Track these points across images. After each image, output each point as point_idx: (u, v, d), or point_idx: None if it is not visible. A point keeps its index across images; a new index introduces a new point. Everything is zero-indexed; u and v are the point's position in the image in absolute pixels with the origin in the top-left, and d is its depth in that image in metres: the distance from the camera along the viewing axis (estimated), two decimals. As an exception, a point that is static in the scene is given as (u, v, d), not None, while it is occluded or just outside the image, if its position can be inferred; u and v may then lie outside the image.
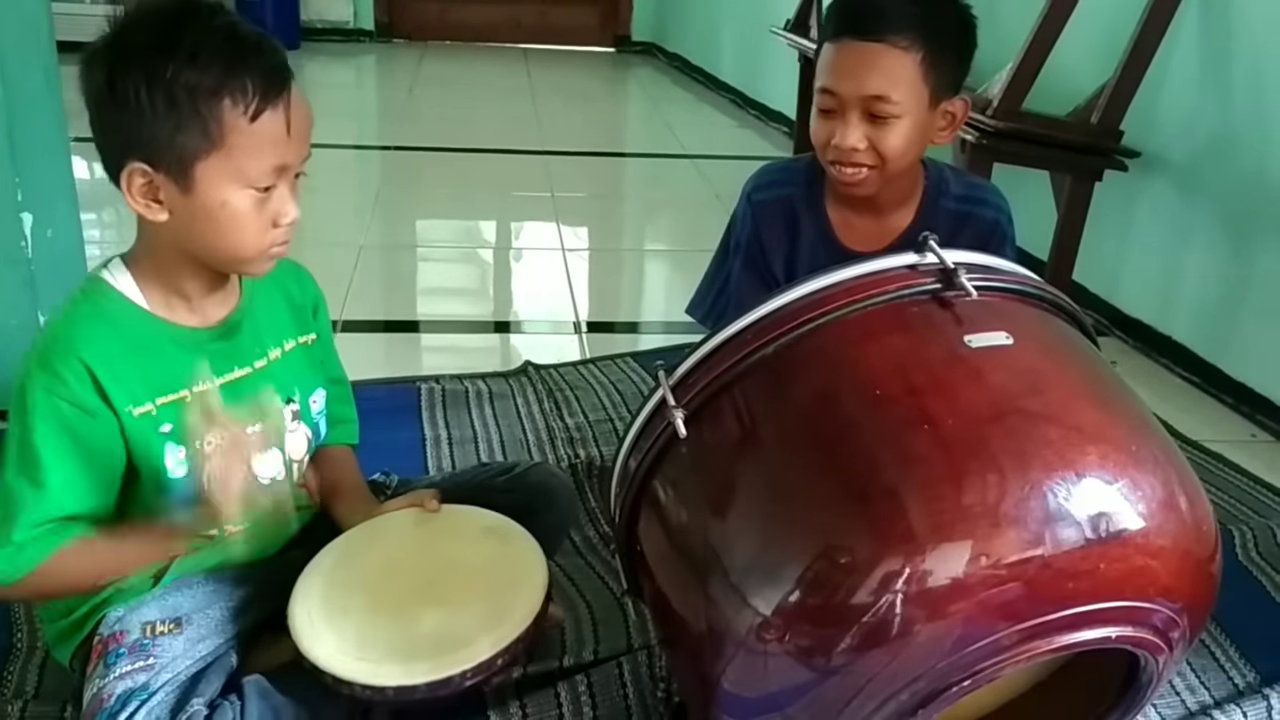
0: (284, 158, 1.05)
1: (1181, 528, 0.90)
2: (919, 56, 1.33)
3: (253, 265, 1.11)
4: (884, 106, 1.34)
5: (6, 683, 1.28)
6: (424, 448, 1.87)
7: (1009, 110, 2.37)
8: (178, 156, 1.01)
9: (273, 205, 1.07)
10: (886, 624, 0.84)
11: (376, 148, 4.34)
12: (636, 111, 5.68)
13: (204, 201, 1.04)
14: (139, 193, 1.04)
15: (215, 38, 1.01)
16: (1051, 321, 1.05)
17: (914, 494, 0.85)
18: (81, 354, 1.05)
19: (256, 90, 1.01)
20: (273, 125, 1.03)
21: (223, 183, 1.03)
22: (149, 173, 1.02)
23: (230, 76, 1.00)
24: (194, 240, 1.08)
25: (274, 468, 1.21)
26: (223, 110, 1.00)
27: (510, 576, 1.19)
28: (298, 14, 6.05)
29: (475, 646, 1.10)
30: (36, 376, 1.05)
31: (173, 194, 1.04)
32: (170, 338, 1.12)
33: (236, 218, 1.05)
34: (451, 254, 3.37)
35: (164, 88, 0.99)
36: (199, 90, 0.99)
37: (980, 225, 1.47)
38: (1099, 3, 2.48)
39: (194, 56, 0.99)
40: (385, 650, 1.10)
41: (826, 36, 1.39)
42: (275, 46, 1.06)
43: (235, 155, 1.02)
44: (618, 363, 2.27)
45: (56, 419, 1.05)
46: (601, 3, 6.81)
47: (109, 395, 1.06)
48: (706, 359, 1.02)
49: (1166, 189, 2.49)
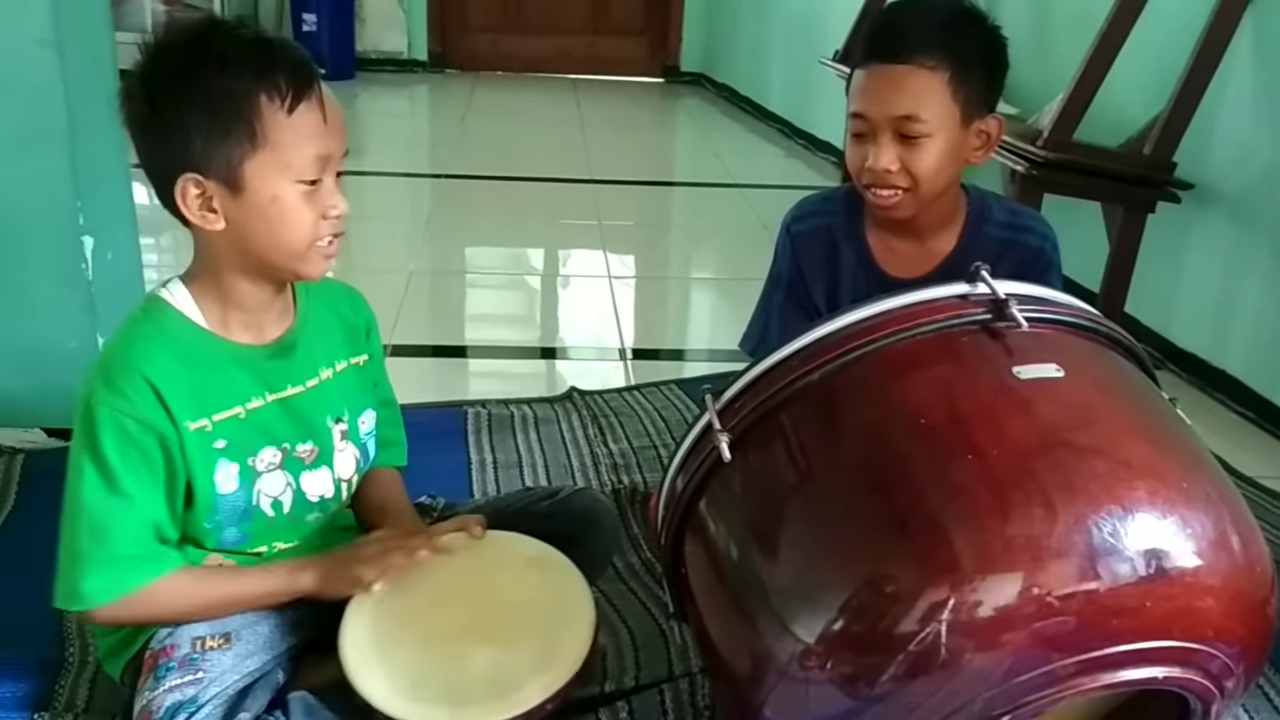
0: (325, 147, 1.09)
1: (1233, 568, 0.89)
2: (946, 75, 1.34)
3: (307, 263, 1.13)
4: (914, 126, 1.35)
5: (58, 696, 1.30)
6: (469, 471, 1.89)
7: (1060, 141, 2.35)
8: (226, 161, 1.05)
9: (321, 198, 1.10)
10: (931, 653, 0.83)
11: (428, 176, 4.39)
12: (684, 141, 5.71)
13: (256, 200, 1.07)
14: (194, 204, 1.07)
15: (241, 43, 1.05)
16: (1105, 355, 1.04)
17: (958, 524, 0.85)
18: (144, 370, 1.08)
19: (289, 85, 1.05)
20: (310, 116, 1.07)
21: (271, 178, 1.07)
22: (201, 183, 1.06)
23: (263, 75, 1.04)
24: (250, 242, 1.10)
25: (323, 486, 1.23)
26: (261, 108, 1.04)
27: (558, 615, 1.19)
28: (353, 45, 6.16)
29: (526, 691, 1.10)
30: (100, 394, 1.08)
31: (225, 199, 1.07)
32: (227, 355, 1.15)
33: (287, 211, 1.08)
34: (499, 280, 3.41)
35: (203, 98, 1.03)
36: (235, 93, 1.03)
37: (1024, 252, 1.46)
38: (1151, 34, 2.47)
39: (225, 63, 1.03)
40: (437, 691, 1.10)
41: (855, 63, 1.42)
42: (298, 46, 1.11)
43: (279, 150, 1.06)
44: (662, 390, 2.28)
45: (123, 434, 1.08)
46: (651, 34, 6.86)
47: (171, 409, 1.09)
48: (753, 384, 1.02)
49: (1220, 221, 2.46)
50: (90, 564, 1.08)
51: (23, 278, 1.83)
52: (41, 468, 1.78)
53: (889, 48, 1.36)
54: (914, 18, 1.40)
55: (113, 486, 1.08)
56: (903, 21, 1.40)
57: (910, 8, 1.44)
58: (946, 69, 1.34)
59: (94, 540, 1.08)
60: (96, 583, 1.09)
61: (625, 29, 6.84)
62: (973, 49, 1.38)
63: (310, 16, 5.84)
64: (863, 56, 1.40)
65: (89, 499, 1.08)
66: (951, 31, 1.37)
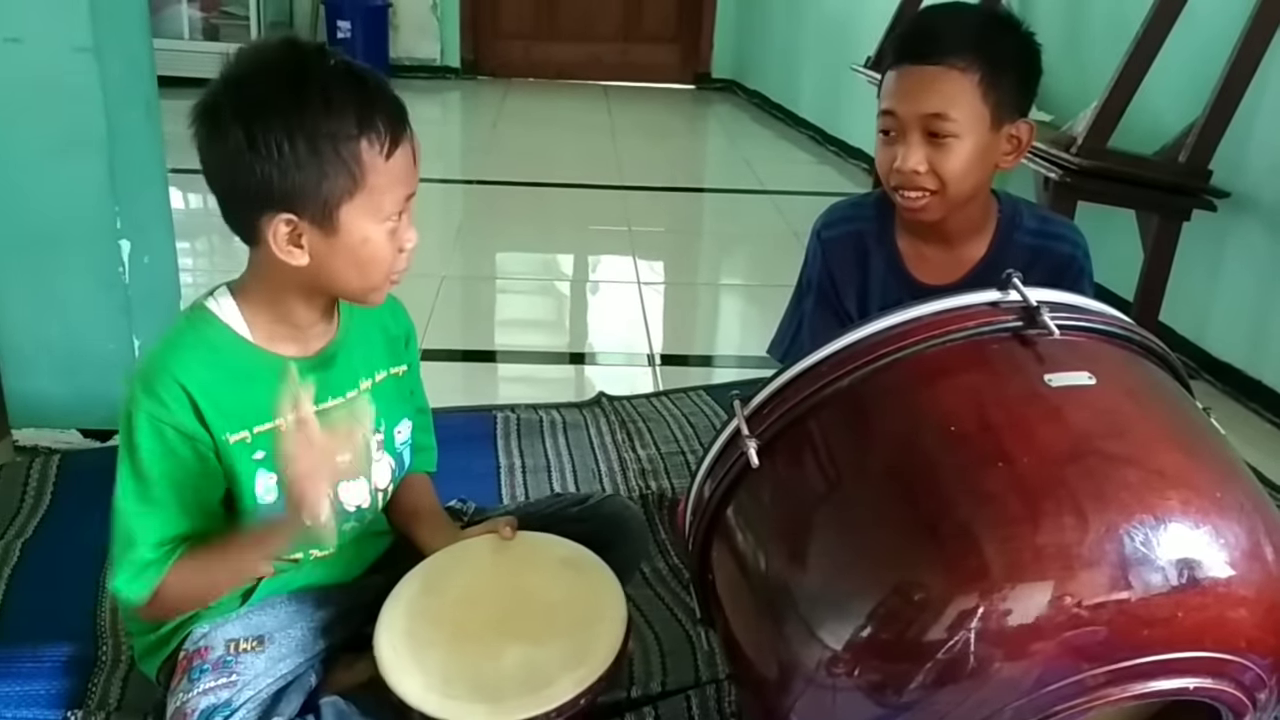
0: (412, 187, 1.10)
1: (1267, 579, 0.88)
2: (977, 77, 1.34)
3: (378, 294, 1.15)
4: (943, 125, 1.35)
5: (91, 695, 1.32)
6: (498, 475, 1.90)
7: (1094, 148, 2.33)
8: (323, 202, 1.04)
9: (399, 233, 1.11)
10: (960, 662, 0.83)
11: (460, 181, 4.41)
12: (715, 148, 5.71)
13: (348, 241, 1.07)
14: (283, 241, 1.06)
15: (341, 82, 1.04)
16: (1138, 363, 1.03)
17: (988, 532, 0.85)
18: (180, 379, 1.09)
19: (388, 130, 1.05)
20: (404, 160, 1.08)
21: (364, 221, 1.07)
22: (294, 221, 1.05)
23: (364, 119, 1.04)
24: (329, 277, 1.10)
25: (360, 496, 1.24)
26: (361, 152, 1.04)
27: (590, 612, 1.19)
28: (387, 51, 6.22)
29: (558, 686, 1.10)
30: (140, 400, 1.09)
31: (315, 238, 1.07)
32: (270, 367, 1.15)
33: (375, 251, 1.09)
34: (529, 286, 3.42)
35: (306, 138, 1.02)
36: (339, 136, 1.03)
37: (1055, 259, 1.46)
38: (1186, 40, 2.45)
39: (329, 104, 1.02)
40: (470, 688, 1.11)
41: (887, 65, 1.42)
42: (387, 82, 1.10)
43: (375, 194, 1.06)
44: (691, 396, 2.28)
45: (160, 441, 1.09)
46: (682, 41, 6.86)
47: (207, 420, 1.10)
48: (781, 390, 1.02)
49: (1256, 230, 2.43)
50: (119, 567, 1.10)
51: (60, 281, 1.86)
52: (77, 468, 1.80)
53: (921, 49, 1.36)
54: (947, 20, 1.41)
55: (144, 494, 1.09)
56: (936, 24, 1.41)
57: (944, 11, 1.45)
58: (978, 70, 1.34)
59: (123, 546, 1.10)
60: (123, 584, 1.10)
61: (657, 36, 6.85)
62: (1005, 52, 1.37)
63: (345, 24, 5.89)
64: (895, 58, 1.40)
65: (121, 505, 1.10)
66: (984, 34, 1.37)
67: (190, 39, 5.51)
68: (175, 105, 1.08)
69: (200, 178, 1.08)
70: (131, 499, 1.09)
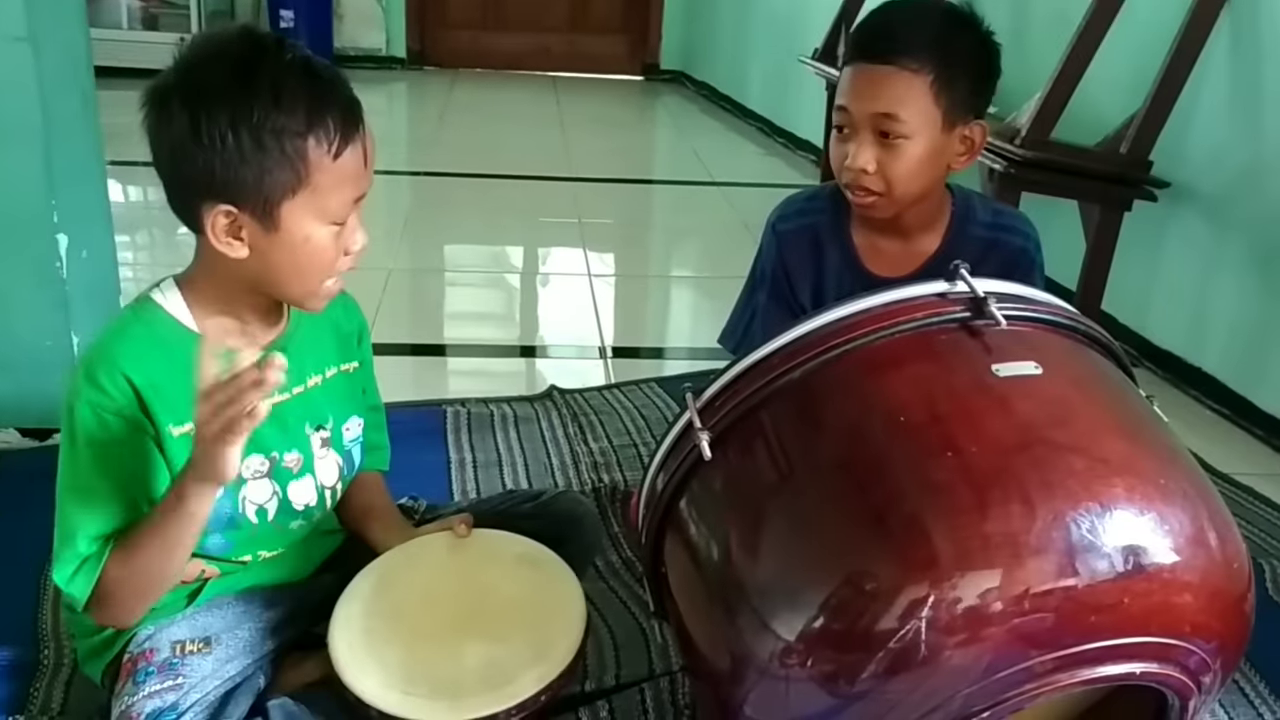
0: (361, 188, 1.08)
1: (1211, 564, 0.89)
2: (930, 79, 1.34)
3: (316, 300, 1.12)
4: (893, 125, 1.35)
5: (33, 699, 1.29)
6: (449, 470, 1.88)
7: (1037, 140, 2.36)
8: (264, 197, 1.02)
9: (345, 235, 1.09)
10: (911, 650, 0.84)
11: (406, 173, 4.38)
12: (664, 139, 5.71)
13: (288, 239, 1.05)
14: (221, 232, 1.04)
15: (294, 76, 1.02)
16: (1083, 353, 1.04)
17: (937, 521, 0.85)
18: (125, 369, 1.06)
19: (338, 128, 1.03)
20: (353, 160, 1.05)
21: (307, 220, 1.05)
22: (233, 213, 1.03)
23: (314, 117, 1.01)
24: (268, 274, 1.08)
25: (308, 495, 1.22)
26: (308, 150, 1.02)
27: (548, 608, 1.19)
28: (331, 41, 6.14)
29: (519, 683, 1.10)
30: (82, 390, 1.06)
31: (256, 232, 1.04)
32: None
33: (316, 252, 1.07)
34: (479, 279, 3.40)
35: (251, 131, 1.00)
36: (286, 132, 1.00)
37: (1008, 252, 1.47)
38: (1128, 33, 2.48)
39: (278, 98, 1.00)
40: (430, 685, 1.10)
41: (845, 61, 1.42)
42: (345, 80, 1.07)
43: (320, 193, 1.04)
44: (643, 388, 2.28)
45: (103, 430, 1.06)
46: (630, 31, 6.85)
47: (151, 411, 1.08)
48: (733, 383, 1.02)
49: (1196, 219, 2.48)
50: (60, 561, 1.07)
51: (-4, 276, 1.82)
52: (15, 469, 1.76)
53: (875, 47, 1.36)
54: (904, 19, 1.40)
55: (86, 486, 1.07)
56: (892, 21, 1.40)
57: (902, 8, 1.43)
58: (930, 72, 1.34)
59: (62, 540, 1.07)
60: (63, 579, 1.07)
61: (605, 27, 6.84)
62: (960, 54, 1.37)
63: (288, 13, 5.82)
64: (851, 54, 1.40)
65: (63, 497, 1.07)
66: (940, 34, 1.36)
67: (129, 28, 5.40)
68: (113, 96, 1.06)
69: (140, 170, 1.07)
70: (72, 491, 1.07)
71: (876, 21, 1.43)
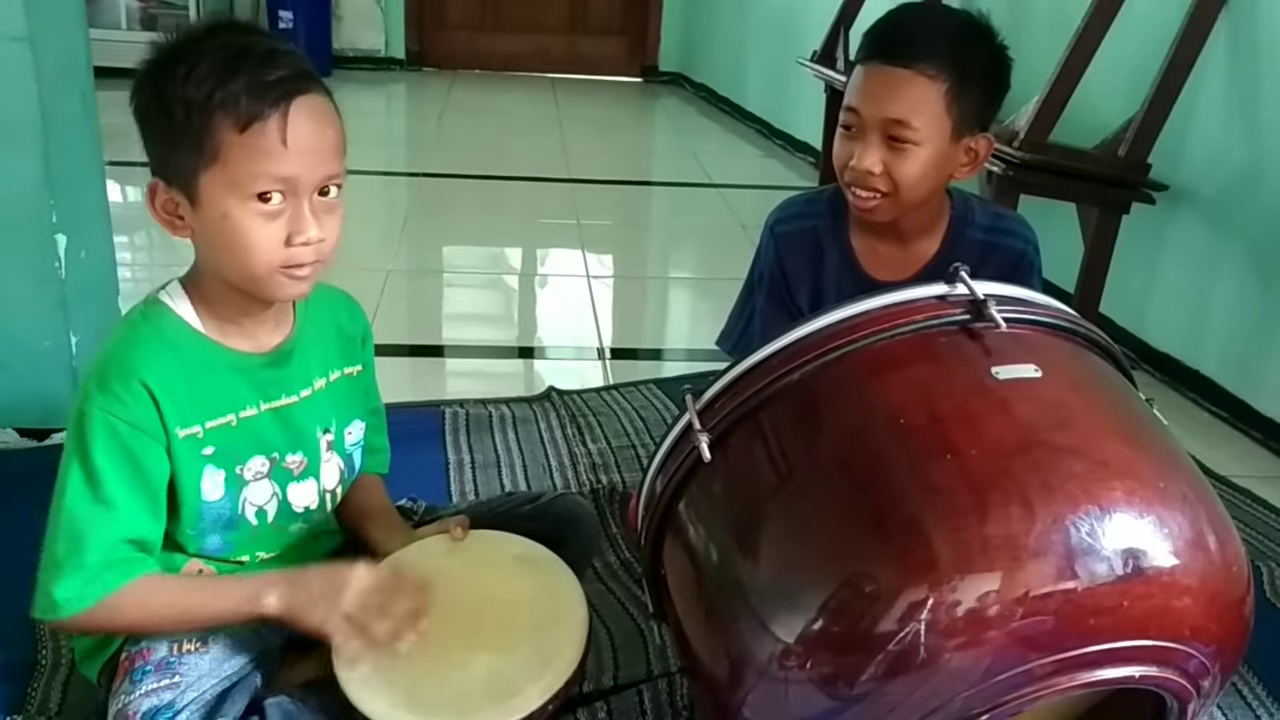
0: (280, 170, 1.03)
1: (1210, 568, 0.89)
2: (944, 87, 1.33)
3: (269, 286, 1.09)
4: (904, 131, 1.34)
5: (30, 699, 1.29)
6: (447, 472, 1.88)
7: (1035, 142, 2.37)
8: (181, 172, 1.04)
9: (287, 222, 1.06)
10: (910, 653, 0.84)
11: (405, 174, 4.38)
12: (662, 141, 5.71)
13: (208, 214, 1.05)
14: (160, 209, 1.07)
15: (218, 52, 1.02)
16: (1083, 356, 1.04)
17: (937, 524, 0.85)
18: (142, 375, 1.06)
19: (247, 101, 1.01)
20: (263, 136, 1.02)
21: (221, 195, 1.04)
22: (166, 189, 1.06)
23: (220, 88, 1.01)
24: (211, 256, 1.09)
25: (309, 498, 1.22)
26: (214, 122, 1.02)
27: (550, 611, 1.18)
28: (330, 43, 6.13)
29: (525, 696, 1.09)
30: (95, 398, 1.06)
31: (186, 209, 1.06)
32: (224, 362, 1.13)
33: (240, 232, 1.05)
34: (477, 280, 3.40)
35: (164, 104, 1.02)
36: (192, 104, 1.01)
37: (1007, 255, 1.47)
38: (1126, 36, 2.49)
39: (190, 71, 1.01)
40: (437, 702, 1.09)
41: (858, 59, 1.40)
42: (290, 60, 1.05)
43: (229, 167, 1.03)
44: (641, 389, 2.27)
45: (115, 440, 1.06)
46: (629, 33, 6.85)
47: (164, 416, 1.08)
48: (733, 384, 1.02)
49: (1194, 222, 2.48)
50: (64, 571, 1.06)
51: (-6, 276, 1.81)
52: (13, 469, 1.76)
53: (892, 50, 1.35)
54: (923, 23, 1.39)
55: (97, 494, 1.06)
56: (911, 25, 1.39)
57: (921, 12, 1.42)
58: (946, 80, 1.33)
59: (70, 548, 1.06)
60: (68, 590, 1.06)
61: (604, 28, 6.84)
62: (976, 65, 1.36)
63: (286, 14, 5.80)
64: (866, 54, 1.39)
65: (71, 505, 1.07)
66: (958, 42, 1.35)
67: (128, 28, 5.39)
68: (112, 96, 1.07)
69: (139, 170, 1.08)
70: (82, 500, 1.06)
71: (894, 24, 1.40)
